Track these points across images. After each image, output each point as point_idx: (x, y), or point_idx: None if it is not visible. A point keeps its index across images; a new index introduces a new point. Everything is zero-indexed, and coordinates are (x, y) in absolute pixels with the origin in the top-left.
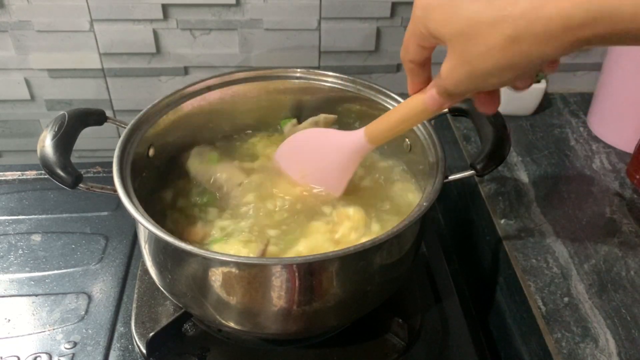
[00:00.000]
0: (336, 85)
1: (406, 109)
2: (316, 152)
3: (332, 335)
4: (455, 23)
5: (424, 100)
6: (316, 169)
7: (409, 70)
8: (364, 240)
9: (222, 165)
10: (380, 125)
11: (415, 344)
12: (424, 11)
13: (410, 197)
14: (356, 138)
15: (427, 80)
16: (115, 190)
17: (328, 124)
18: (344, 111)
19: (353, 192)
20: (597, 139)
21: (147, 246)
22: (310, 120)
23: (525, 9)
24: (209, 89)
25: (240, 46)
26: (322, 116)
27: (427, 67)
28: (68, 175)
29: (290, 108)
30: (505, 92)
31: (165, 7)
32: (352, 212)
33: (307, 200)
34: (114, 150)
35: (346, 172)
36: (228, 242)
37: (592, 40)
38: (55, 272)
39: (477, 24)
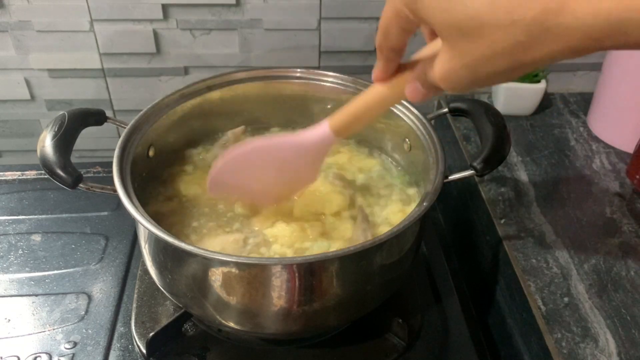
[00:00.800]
0: (336, 85)
1: (377, 98)
2: (270, 164)
3: (332, 335)
4: (453, 16)
5: (402, 91)
6: (273, 181)
7: (386, 58)
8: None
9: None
10: (347, 116)
11: (415, 344)
12: None
13: (409, 197)
14: (319, 134)
15: (397, 65)
16: (115, 190)
17: (237, 138)
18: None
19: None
20: (597, 139)
21: (147, 246)
22: (220, 142)
23: (538, 15)
24: (209, 89)
25: (240, 46)
26: (229, 133)
27: (403, 51)
28: (68, 175)
29: (290, 108)
30: (505, 93)
31: (165, 7)
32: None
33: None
34: (114, 150)
35: (311, 173)
36: None
37: (608, 48)
38: (55, 272)
39: (480, 26)
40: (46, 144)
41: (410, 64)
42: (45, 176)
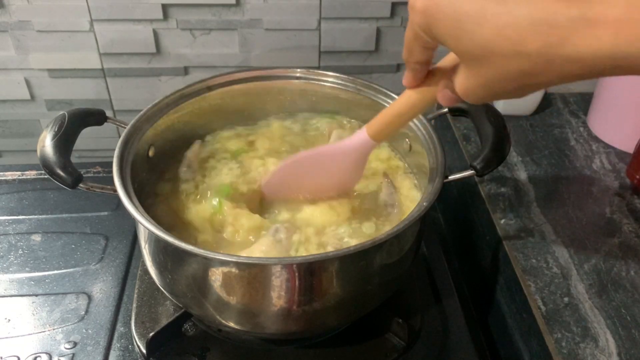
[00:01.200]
0: (336, 85)
1: (409, 104)
2: (318, 171)
3: (332, 335)
4: (466, 44)
5: (431, 97)
6: (323, 184)
7: (413, 70)
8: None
9: None
10: (382, 121)
11: (415, 344)
12: (425, 18)
13: (410, 196)
14: (359, 140)
15: (426, 73)
16: (115, 190)
17: (196, 155)
18: (344, 111)
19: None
20: (597, 139)
21: (147, 246)
22: (183, 164)
23: (540, 48)
24: (209, 89)
25: (240, 46)
26: (187, 154)
27: (429, 63)
28: (68, 175)
29: (290, 108)
30: None
31: (165, 7)
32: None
33: None
34: (114, 150)
35: (357, 174)
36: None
37: (610, 75)
38: (55, 272)
39: (489, 54)
40: (46, 144)
41: (438, 70)
42: (45, 176)
